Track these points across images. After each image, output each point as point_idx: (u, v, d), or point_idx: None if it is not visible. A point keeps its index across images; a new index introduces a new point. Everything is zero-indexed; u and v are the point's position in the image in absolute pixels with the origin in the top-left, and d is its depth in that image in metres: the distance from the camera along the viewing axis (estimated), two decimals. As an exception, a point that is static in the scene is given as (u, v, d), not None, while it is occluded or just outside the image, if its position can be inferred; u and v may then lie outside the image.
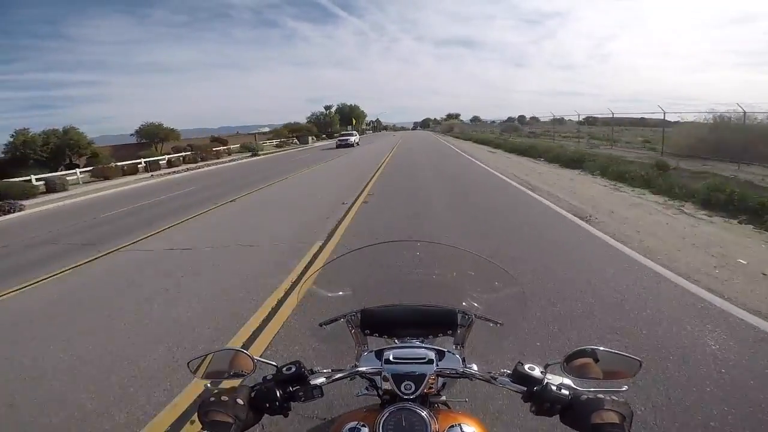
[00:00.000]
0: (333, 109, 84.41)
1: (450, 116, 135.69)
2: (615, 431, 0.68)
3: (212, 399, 0.78)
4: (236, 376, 0.89)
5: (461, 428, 0.78)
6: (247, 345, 3.06)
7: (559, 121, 30.80)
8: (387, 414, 0.80)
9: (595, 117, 29.55)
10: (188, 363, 0.92)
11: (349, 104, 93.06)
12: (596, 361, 0.84)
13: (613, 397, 0.75)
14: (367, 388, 0.96)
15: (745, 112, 12.40)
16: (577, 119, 27.27)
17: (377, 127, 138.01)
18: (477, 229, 6.12)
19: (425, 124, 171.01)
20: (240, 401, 0.79)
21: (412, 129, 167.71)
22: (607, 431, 0.68)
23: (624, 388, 0.80)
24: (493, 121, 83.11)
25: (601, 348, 0.85)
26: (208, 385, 0.87)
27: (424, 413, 0.80)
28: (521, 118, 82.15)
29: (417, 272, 1.25)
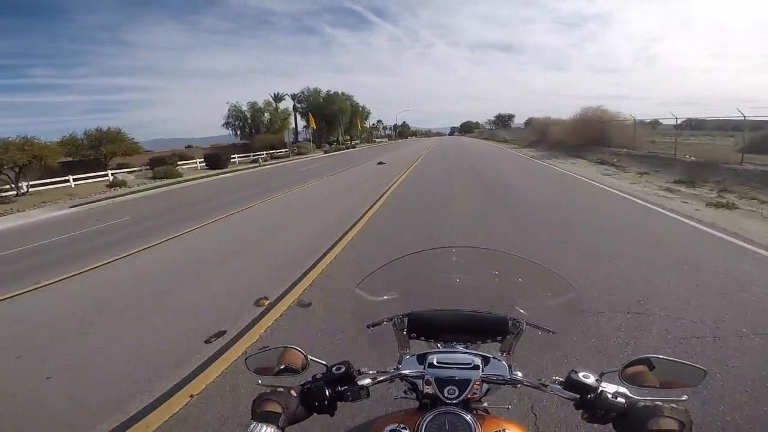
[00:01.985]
0: (287, 105, 50.52)
1: (501, 118, 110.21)
2: None
3: (268, 391, 0.81)
4: (288, 371, 0.92)
5: None
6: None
7: (652, 125, 22.62)
8: (430, 417, 0.80)
9: (700, 119, 21.54)
10: (246, 359, 0.95)
11: (326, 92, 55.31)
12: (653, 368, 0.81)
13: (673, 405, 0.72)
14: (405, 391, 0.97)
15: None
16: (674, 122, 17.41)
17: (403, 132, 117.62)
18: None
19: (466, 129, 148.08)
20: (293, 393, 0.81)
21: (449, 134, 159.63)
22: None
23: (684, 398, 0.76)
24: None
25: (661, 356, 0.82)
26: (260, 381, 0.89)
27: (468, 417, 0.80)
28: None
29: (463, 278, 1.24)
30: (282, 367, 0.92)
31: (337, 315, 3.50)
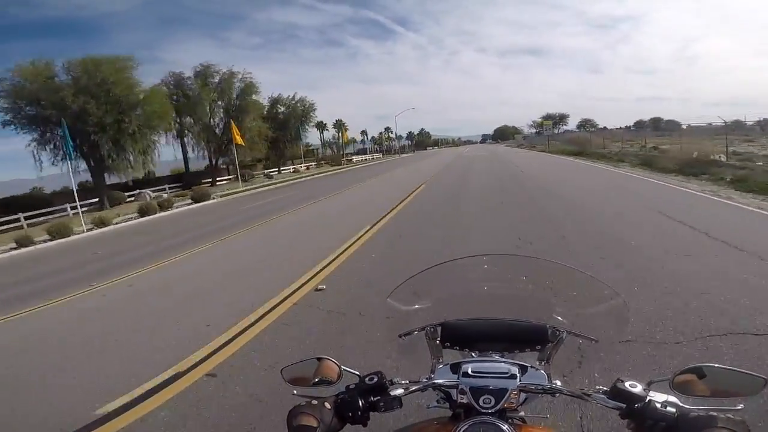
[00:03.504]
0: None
1: (550, 117, 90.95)
2: None
3: (302, 404, 0.81)
4: (322, 383, 0.92)
5: None
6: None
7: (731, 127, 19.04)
8: (465, 426, 0.78)
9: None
10: (281, 370, 0.96)
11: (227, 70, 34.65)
12: (705, 377, 0.76)
13: (729, 416, 0.66)
14: (438, 401, 0.95)
15: None
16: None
17: (422, 142, 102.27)
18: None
19: (502, 135, 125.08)
20: (327, 406, 0.81)
21: (481, 142, 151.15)
22: None
23: (740, 407, 0.72)
24: (604, 127, 65.77)
25: (716, 365, 0.76)
26: (295, 392, 0.90)
27: (504, 426, 0.78)
28: (656, 121, 65.92)
29: (498, 285, 1.22)
30: (317, 379, 0.92)
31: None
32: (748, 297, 3.45)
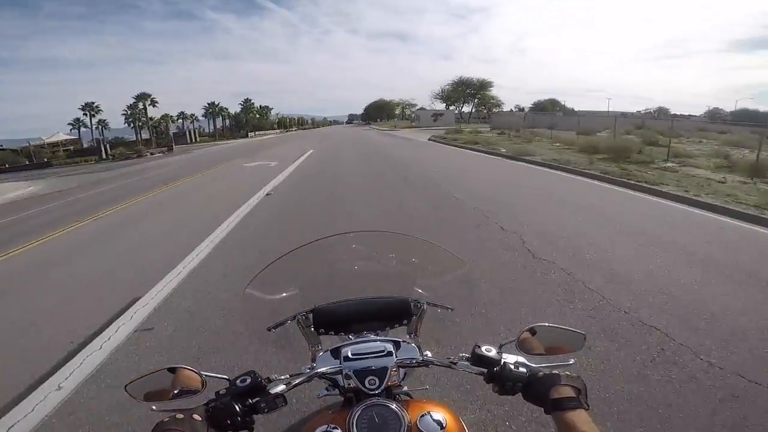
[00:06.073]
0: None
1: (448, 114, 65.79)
2: (573, 404, 0.72)
3: (166, 419, 0.70)
4: (184, 393, 0.82)
5: (431, 416, 0.79)
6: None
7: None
8: (358, 412, 0.79)
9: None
10: (125, 386, 0.82)
11: None
12: (539, 335, 0.88)
13: (567, 372, 0.79)
14: (327, 388, 0.94)
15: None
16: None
17: (256, 125, 73.57)
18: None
19: (377, 114, 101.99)
20: (197, 417, 0.72)
21: (347, 123, 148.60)
22: (566, 405, 0.72)
23: (571, 362, 0.85)
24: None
25: (547, 324, 0.88)
26: (154, 408, 0.79)
27: (394, 406, 0.80)
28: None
29: (362, 264, 1.23)
30: (176, 390, 0.81)
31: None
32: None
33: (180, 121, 73.84)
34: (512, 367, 0.82)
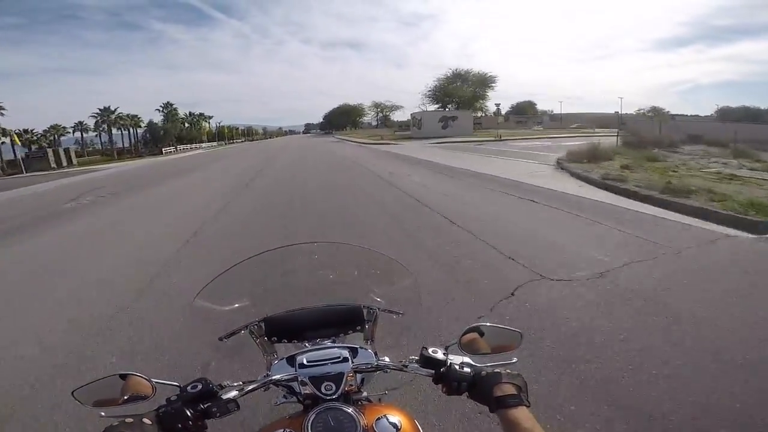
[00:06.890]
0: None
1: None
2: (515, 401, 0.75)
3: (115, 424, 0.69)
4: (133, 400, 0.81)
5: (387, 419, 0.80)
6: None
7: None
8: (314, 416, 0.80)
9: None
10: (73, 392, 0.79)
11: None
12: (483, 335, 0.91)
13: (508, 370, 0.82)
14: (285, 396, 0.94)
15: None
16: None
17: (177, 135, 64.98)
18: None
19: (339, 122, 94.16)
20: (147, 421, 0.71)
21: (304, 132, 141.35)
22: (508, 402, 0.75)
23: (514, 360, 0.88)
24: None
25: (488, 324, 0.91)
26: (103, 414, 0.77)
27: (350, 410, 0.81)
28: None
29: (316, 273, 1.23)
30: (126, 396, 0.80)
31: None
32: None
33: (77, 134, 63.13)
34: (457, 367, 0.85)
